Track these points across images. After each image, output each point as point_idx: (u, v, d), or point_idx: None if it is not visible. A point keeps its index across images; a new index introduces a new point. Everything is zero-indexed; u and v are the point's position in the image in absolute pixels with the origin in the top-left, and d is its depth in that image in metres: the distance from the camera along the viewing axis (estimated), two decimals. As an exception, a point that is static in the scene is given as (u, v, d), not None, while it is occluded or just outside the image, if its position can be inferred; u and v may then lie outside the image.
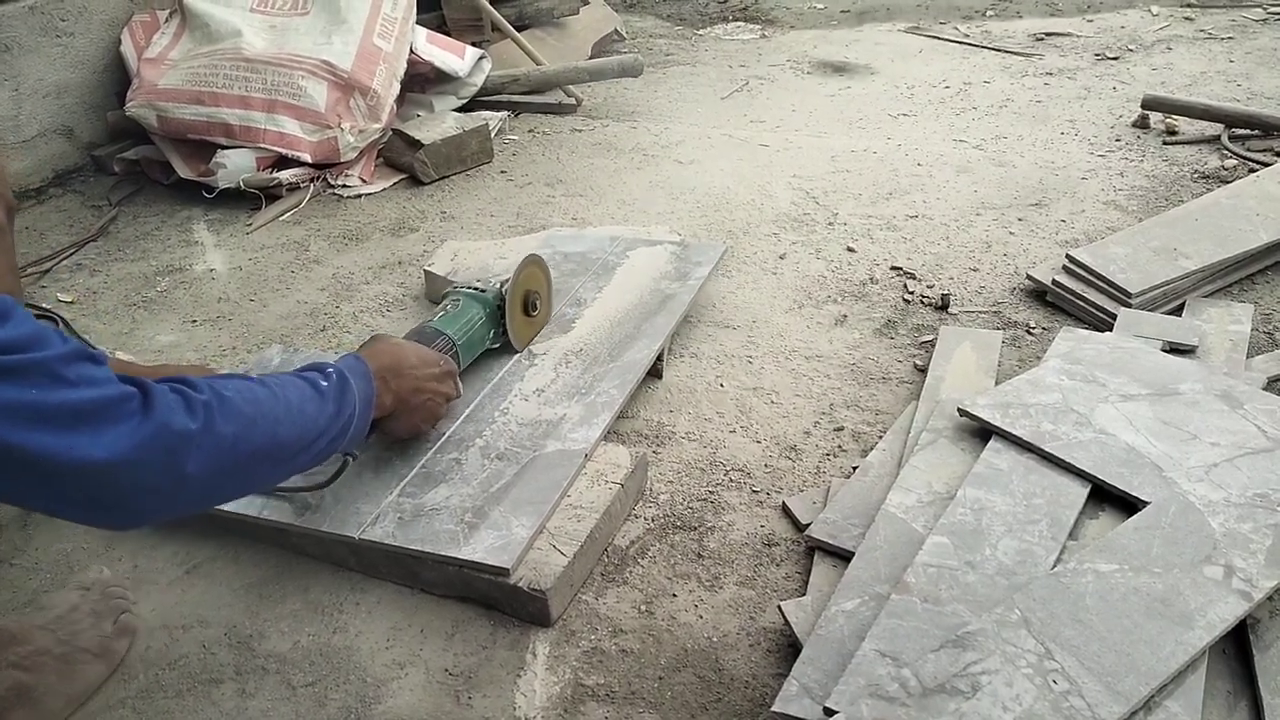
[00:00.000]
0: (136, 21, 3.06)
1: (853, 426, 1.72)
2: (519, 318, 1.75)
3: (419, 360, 1.44)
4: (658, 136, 3.11)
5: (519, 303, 1.75)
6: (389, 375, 1.36)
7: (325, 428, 1.17)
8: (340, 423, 1.20)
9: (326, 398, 1.19)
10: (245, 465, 1.04)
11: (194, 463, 0.96)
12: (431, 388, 1.45)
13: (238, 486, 1.08)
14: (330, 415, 1.18)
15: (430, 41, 3.13)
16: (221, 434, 1.00)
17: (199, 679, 1.31)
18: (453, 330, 1.59)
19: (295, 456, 1.13)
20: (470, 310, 1.66)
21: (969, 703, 1.04)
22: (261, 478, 1.12)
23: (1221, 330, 1.82)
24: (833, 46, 4.06)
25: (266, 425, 1.06)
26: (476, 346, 1.66)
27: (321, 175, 2.83)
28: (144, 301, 2.32)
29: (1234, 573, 1.18)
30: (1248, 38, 3.75)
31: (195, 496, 1.00)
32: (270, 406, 1.09)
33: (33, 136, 2.95)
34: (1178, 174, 2.61)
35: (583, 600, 1.39)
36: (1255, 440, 1.41)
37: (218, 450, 0.99)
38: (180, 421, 0.95)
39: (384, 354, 1.39)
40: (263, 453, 1.06)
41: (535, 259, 1.80)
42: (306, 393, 1.17)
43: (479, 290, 1.69)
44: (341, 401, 1.21)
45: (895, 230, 2.41)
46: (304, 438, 1.13)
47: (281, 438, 1.09)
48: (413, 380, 1.41)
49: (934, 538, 1.29)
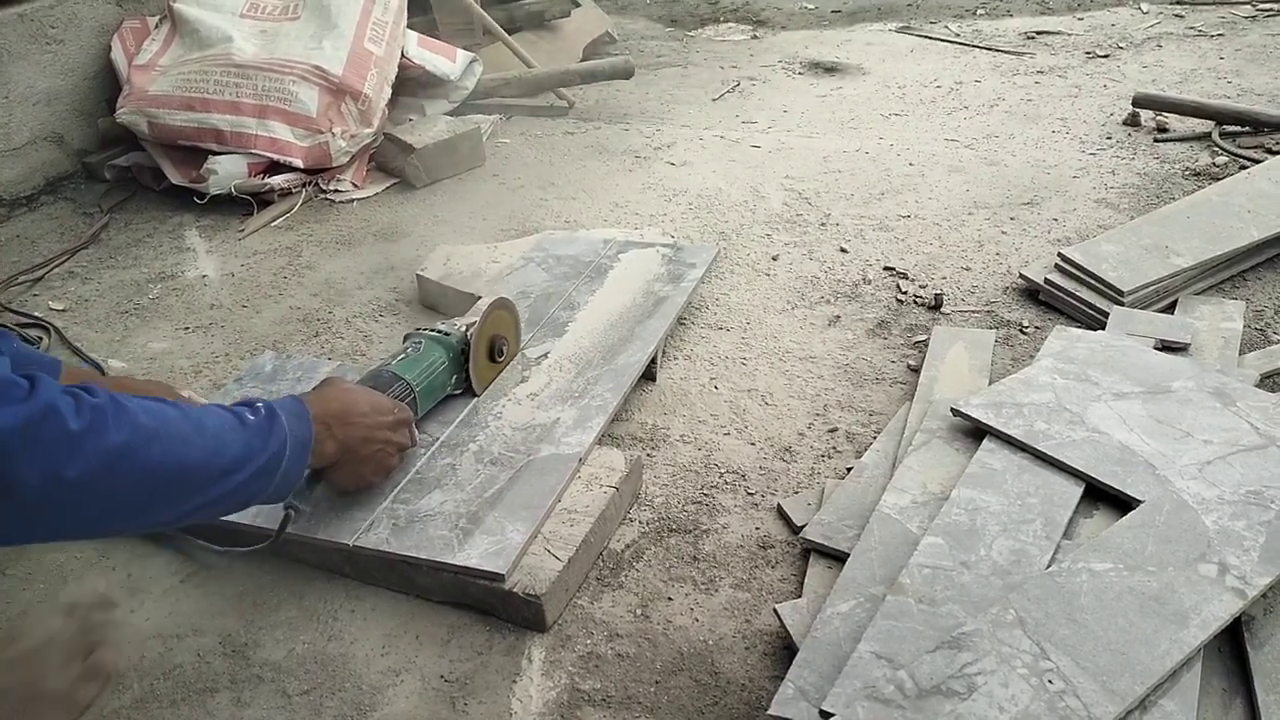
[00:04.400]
0: (127, 28, 3.05)
1: (847, 427, 1.72)
2: (483, 363, 1.67)
3: (370, 408, 1.35)
4: (650, 138, 3.11)
5: (484, 348, 1.66)
6: (334, 422, 1.28)
7: (244, 459, 1.09)
8: (265, 457, 1.12)
9: (249, 429, 1.12)
10: (139, 480, 0.98)
11: (73, 466, 0.91)
12: (383, 437, 1.36)
13: (134, 504, 1.00)
14: (252, 447, 1.11)
15: (421, 45, 3.13)
16: (109, 441, 0.94)
17: (194, 688, 1.31)
18: (412, 375, 1.50)
19: (207, 484, 1.06)
20: (432, 354, 1.56)
21: (965, 704, 1.04)
22: (166, 499, 1.03)
23: (1214, 328, 1.83)
24: (824, 47, 4.07)
25: (169, 444, 1.01)
26: (437, 393, 1.58)
27: (313, 180, 2.82)
28: (136, 309, 2.31)
29: (1228, 570, 1.18)
30: (1237, 35, 3.76)
31: (77, 505, 0.94)
32: (179, 426, 1.03)
33: (23, 144, 2.94)
34: (1169, 171, 2.62)
35: (578, 605, 1.39)
36: (1248, 437, 1.41)
37: (102, 456, 0.93)
38: (63, 420, 0.90)
39: (331, 399, 1.31)
40: (164, 471, 1.00)
41: (504, 302, 1.71)
42: (227, 421, 1.11)
43: (443, 334, 1.60)
44: (268, 436, 1.13)
45: (888, 230, 2.41)
46: (216, 464, 1.06)
47: (188, 459, 1.03)
48: (362, 429, 1.32)
49: (929, 538, 1.30)
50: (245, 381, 1.76)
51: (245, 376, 1.78)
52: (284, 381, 1.74)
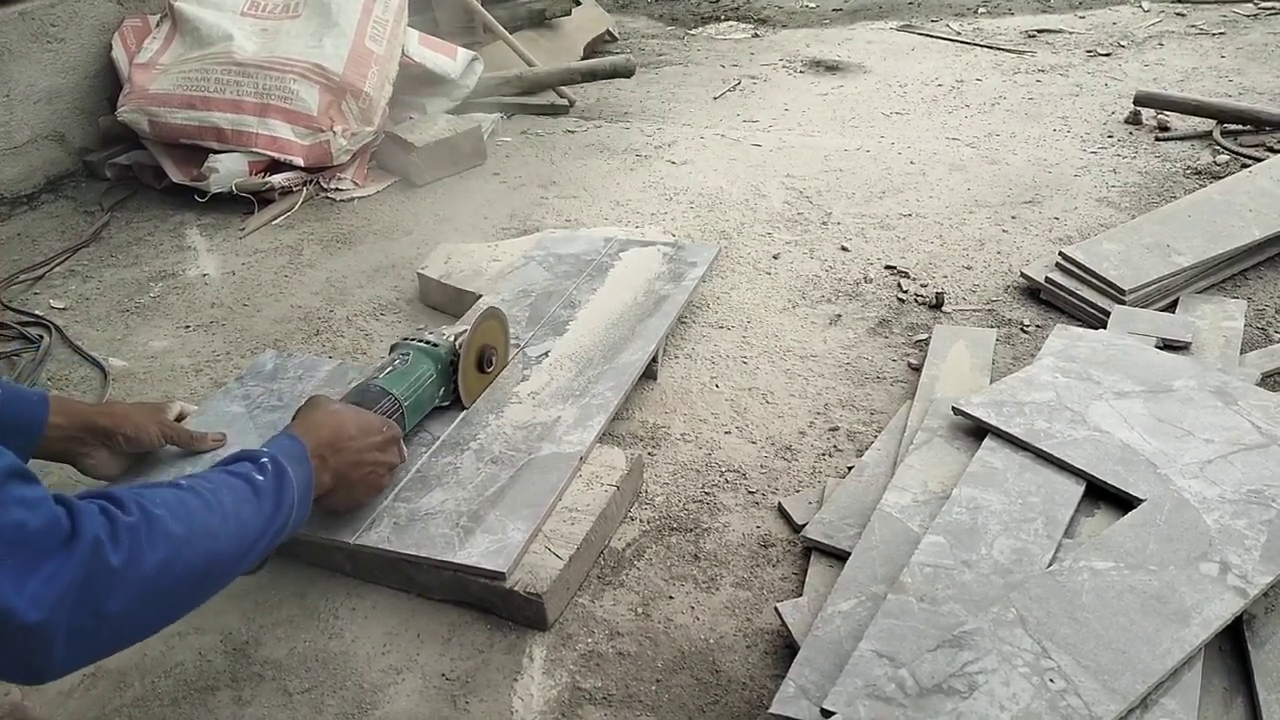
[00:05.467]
0: (128, 26, 3.05)
1: (848, 426, 1.72)
2: (472, 374, 1.62)
3: (359, 429, 1.32)
4: (651, 137, 3.11)
5: (474, 359, 1.62)
6: (327, 452, 1.26)
7: (264, 528, 1.08)
8: (281, 518, 1.11)
9: (264, 495, 1.10)
10: (177, 589, 0.96)
11: (117, 600, 0.88)
12: (373, 459, 1.34)
13: (171, 610, 0.98)
14: (269, 514, 1.09)
15: (422, 43, 3.13)
16: (147, 565, 0.91)
17: (195, 686, 1.31)
18: (399, 390, 1.46)
19: (235, 566, 1.05)
20: (420, 366, 1.52)
21: (966, 702, 1.04)
22: (199, 596, 1.02)
23: (1215, 326, 1.82)
24: (825, 45, 4.07)
25: (201, 543, 0.98)
26: (425, 406, 1.54)
27: (314, 179, 2.82)
28: (137, 307, 2.31)
29: (1229, 569, 1.18)
30: (1239, 33, 3.75)
31: (120, 634, 0.92)
32: (204, 520, 1.00)
33: (24, 142, 2.94)
34: (1170, 170, 2.62)
35: (579, 603, 1.39)
36: (1249, 436, 1.41)
37: (143, 582, 0.91)
38: (106, 556, 0.87)
39: (321, 427, 1.28)
40: (199, 572, 0.98)
41: (494, 312, 1.67)
42: (242, 493, 1.08)
43: (431, 345, 1.56)
44: (280, 496, 1.12)
45: (889, 229, 2.41)
46: (243, 545, 1.05)
47: (219, 552, 1.01)
48: (352, 453, 1.31)
49: (930, 537, 1.29)
50: (246, 380, 1.76)
51: (246, 375, 1.78)
52: (285, 380, 1.74)
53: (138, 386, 2.00)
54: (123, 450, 1.47)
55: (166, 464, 1.53)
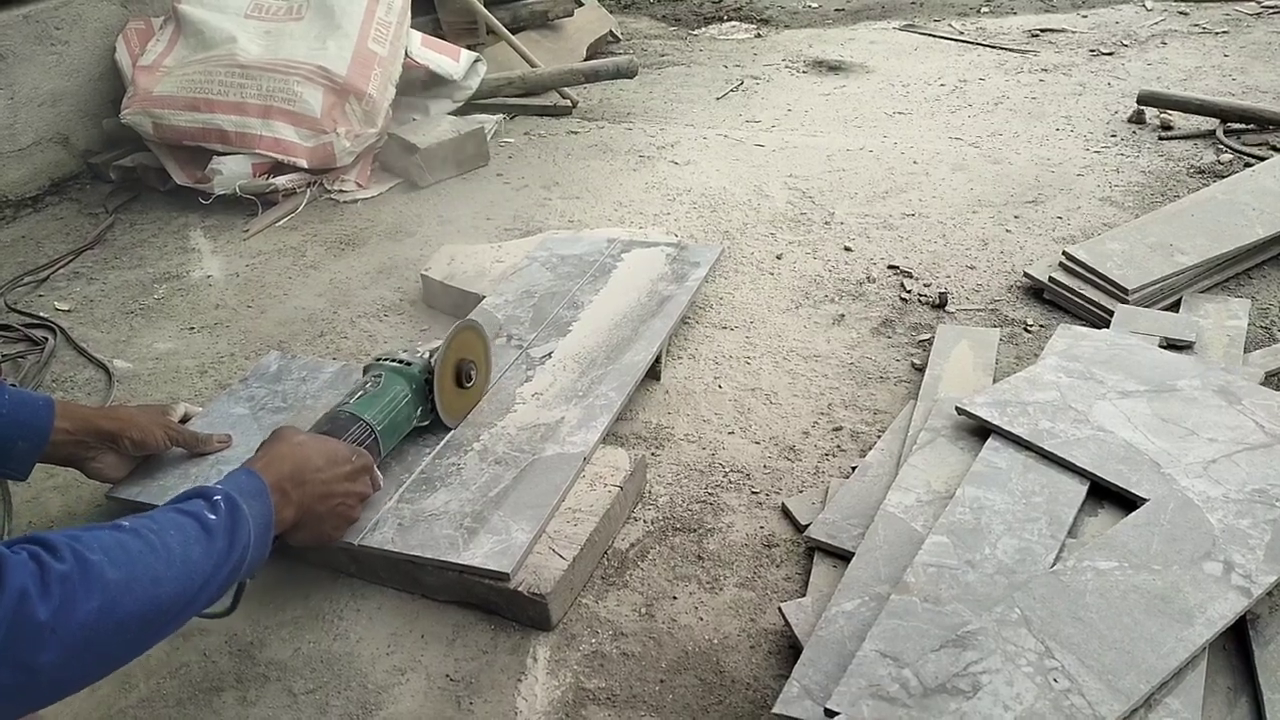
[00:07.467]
0: (131, 29, 3.06)
1: (851, 426, 1.72)
2: (450, 390, 1.55)
3: (325, 460, 1.27)
4: (653, 138, 3.11)
5: (450, 374, 1.55)
6: (289, 485, 1.21)
7: (214, 571, 1.02)
8: (234, 559, 1.05)
9: (215, 534, 1.04)
10: (118, 636, 0.91)
11: (48, 652, 0.84)
12: (342, 490, 1.29)
13: (114, 657, 0.93)
14: (221, 554, 1.03)
15: (425, 45, 3.13)
16: (81, 614, 0.86)
17: (200, 687, 1.31)
18: (371, 414, 1.40)
19: (184, 609, 1.00)
20: (393, 388, 1.46)
21: (970, 702, 1.04)
22: (145, 641, 0.97)
23: (1219, 326, 1.82)
24: (827, 45, 4.07)
25: (142, 588, 0.93)
26: (401, 428, 1.47)
27: (318, 180, 2.82)
28: (141, 309, 2.32)
29: (1233, 569, 1.18)
30: (1242, 32, 3.75)
31: (59, 684, 0.88)
32: (147, 564, 0.94)
33: (28, 145, 2.95)
34: (1173, 169, 2.61)
35: (583, 604, 1.39)
36: (1253, 436, 1.41)
37: (78, 632, 0.86)
38: (33, 609, 0.83)
39: (283, 460, 1.23)
40: (141, 617, 0.93)
41: (470, 324, 1.60)
42: (191, 532, 1.02)
43: (404, 363, 1.50)
44: (234, 535, 1.06)
45: (892, 229, 2.41)
46: (190, 588, 0.99)
47: (163, 598, 0.95)
48: (318, 485, 1.25)
49: (933, 537, 1.29)
50: (251, 382, 1.76)
51: (251, 377, 1.78)
52: (289, 381, 1.75)
53: (142, 388, 2.00)
54: (129, 453, 1.47)
55: (171, 465, 1.53)
